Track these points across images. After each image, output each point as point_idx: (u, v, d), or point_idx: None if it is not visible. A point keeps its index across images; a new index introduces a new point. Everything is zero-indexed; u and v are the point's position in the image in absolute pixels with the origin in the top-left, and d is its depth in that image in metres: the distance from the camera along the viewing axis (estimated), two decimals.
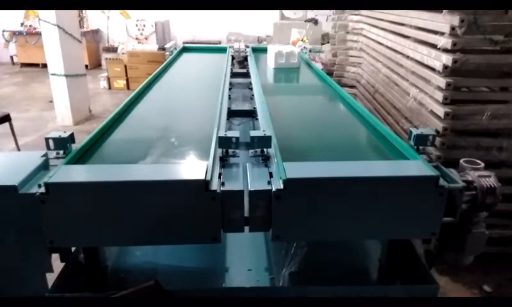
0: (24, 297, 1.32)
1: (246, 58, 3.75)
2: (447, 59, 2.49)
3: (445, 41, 2.50)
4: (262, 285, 1.52)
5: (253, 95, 2.52)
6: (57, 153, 1.47)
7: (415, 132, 1.55)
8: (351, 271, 1.59)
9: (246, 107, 2.43)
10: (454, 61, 2.45)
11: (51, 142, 1.46)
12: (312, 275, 1.53)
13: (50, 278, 1.39)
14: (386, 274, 1.56)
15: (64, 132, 1.50)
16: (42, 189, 1.23)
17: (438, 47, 2.57)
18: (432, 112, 2.69)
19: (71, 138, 1.49)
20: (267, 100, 2.18)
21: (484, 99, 2.63)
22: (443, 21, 2.53)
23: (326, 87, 2.84)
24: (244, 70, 3.37)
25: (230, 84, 2.81)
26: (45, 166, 1.39)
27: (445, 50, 2.53)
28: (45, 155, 1.44)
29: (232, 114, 2.24)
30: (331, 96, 2.67)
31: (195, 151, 1.70)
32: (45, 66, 6.30)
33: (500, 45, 2.49)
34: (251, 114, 2.28)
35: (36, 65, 9.77)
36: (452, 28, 2.44)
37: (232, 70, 3.26)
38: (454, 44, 2.45)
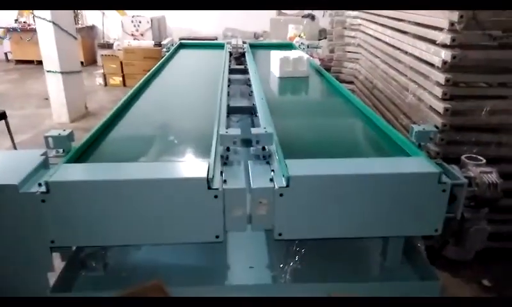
0: (24, 297, 1.31)
1: (243, 54, 3.73)
2: (446, 54, 2.49)
3: (444, 37, 2.50)
4: (264, 282, 1.52)
5: (251, 92, 2.51)
6: (57, 152, 1.46)
7: (416, 128, 1.55)
8: (353, 268, 1.59)
9: (245, 103, 2.42)
10: (453, 57, 2.45)
11: (50, 141, 1.45)
12: (314, 272, 1.53)
13: (52, 277, 1.38)
14: (388, 271, 1.56)
15: (64, 130, 1.48)
16: (43, 188, 1.22)
17: (437, 42, 2.57)
18: (431, 108, 2.69)
19: (70, 136, 1.48)
20: (277, 124, 1.75)
21: (483, 95, 2.63)
22: (442, 16, 2.52)
23: (343, 101, 2.39)
24: (242, 66, 3.36)
25: (228, 80, 2.79)
26: (45, 165, 1.38)
27: (444, 46, 2.53)
28: (45, 153, 1.42)
29: (231, 110, 2.23)
30: (348, 111, 2.25)
31: (195, 149, 1.69)
32: (40, 63, 6.23)
33: (498, 41, 2.48)
34: (251, 110, 2.27)
35: (31, 62, 9.67)
36: (451, 23, 2.44)
37: (229, 66, 3.24)
38: (453, 40, 2.44)
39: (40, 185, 1.24)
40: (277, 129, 1.64)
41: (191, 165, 1.43)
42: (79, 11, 10.00)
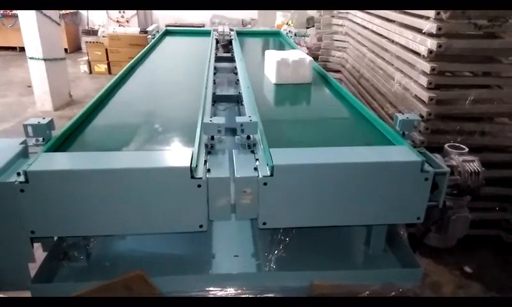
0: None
1: (230, 42, 3.69)
2: (431, 43, 2.49)
3: (430, 26, 2.50)
4: (249, 271, 1.52)
5: (238, 80, 2.49)
6: (37, 140, 1.43)
7: (400, 117, 1.56)
8: (337, 256, 1.60)
9: (231, 91, 2.40)
10: (439, 46, 2.45)
11: (30, 129, 1.41)
12: (298, 260, 1.54)
13: (33, 267, 1.36)
14: (371, 258, 1.58)
15: (44, 118, 1.45)
16: (21, 178, 1.20)
17: (423, 31, 2.57)
18: (416, 97, 2.71)
19: (50, 124, 1.45)
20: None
21: (467, 84, 2.65)
22: None
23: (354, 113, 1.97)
24: (229, 54, 3.32)
25: (215, 68, 2.76)
26: (24, 154, 1.35)
27: (430, 35, 2.53)
28: (24, 142, 1.40)
29: (216, 99, 2.21)
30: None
31: (180, 138, 1.67)
32: (22, 49, 6.08)
33: (483, 30, 2.50)
34: (237, 99, 2.25)
35: (13, 48, 9.45)
36: (437, 12, 2.44)
37: (216, 54, 3.20)
38: (438, 28, 2.45)
39: (18, 174, 1.22)
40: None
41: (175, 154, 1.41)
42: None
